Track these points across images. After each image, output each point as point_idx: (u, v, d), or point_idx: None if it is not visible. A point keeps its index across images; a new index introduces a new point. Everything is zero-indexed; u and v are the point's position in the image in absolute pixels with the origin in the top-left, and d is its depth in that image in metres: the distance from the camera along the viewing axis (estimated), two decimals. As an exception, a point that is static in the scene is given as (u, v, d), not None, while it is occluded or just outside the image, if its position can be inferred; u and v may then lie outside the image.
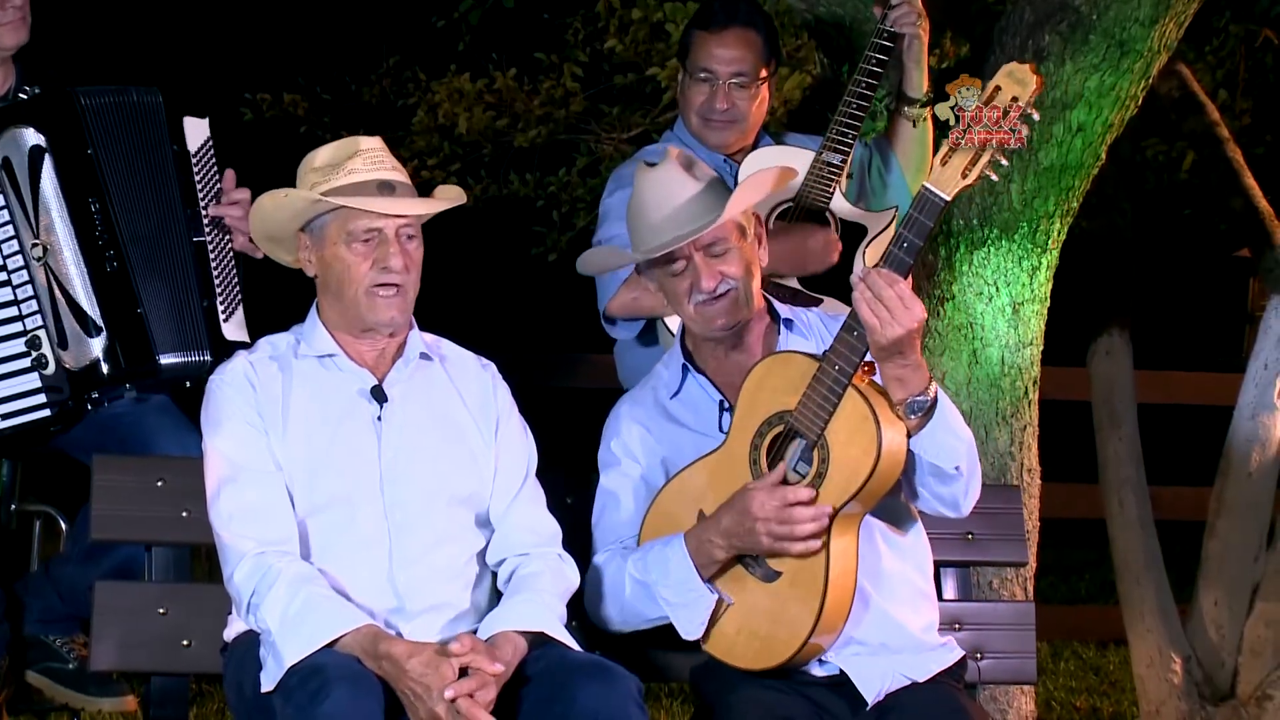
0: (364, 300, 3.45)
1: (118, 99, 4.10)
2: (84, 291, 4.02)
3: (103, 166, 4.04)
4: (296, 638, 3.24)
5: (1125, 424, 5.96)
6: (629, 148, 7.48)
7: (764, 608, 3.40)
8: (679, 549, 3.43)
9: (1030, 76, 3.28)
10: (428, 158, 7.80)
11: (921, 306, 3.28)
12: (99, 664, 3.66)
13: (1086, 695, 6.80)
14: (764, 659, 3.40)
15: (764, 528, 3.33)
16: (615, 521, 3.58)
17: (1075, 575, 9.61)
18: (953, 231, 4.70)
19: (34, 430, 4.04)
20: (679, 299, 3.52)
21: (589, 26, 7.69)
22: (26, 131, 4.02)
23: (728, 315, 3.50)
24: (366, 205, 3.41)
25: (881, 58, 4.12)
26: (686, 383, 3.60)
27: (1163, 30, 4.52)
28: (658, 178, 3.51)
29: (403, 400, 3.50)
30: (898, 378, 3.33)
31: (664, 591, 3.44)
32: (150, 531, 3.71)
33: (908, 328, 3.25)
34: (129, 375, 4.04)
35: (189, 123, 4.19)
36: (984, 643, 3.75)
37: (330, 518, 3.42)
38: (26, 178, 4.01)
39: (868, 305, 3.26)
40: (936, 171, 3.29)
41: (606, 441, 3.64)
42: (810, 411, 3.34)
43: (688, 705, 6.17)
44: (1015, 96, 3.27)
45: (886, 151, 4.35)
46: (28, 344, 4.02)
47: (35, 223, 4.01)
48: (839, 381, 3.32)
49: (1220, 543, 5.78)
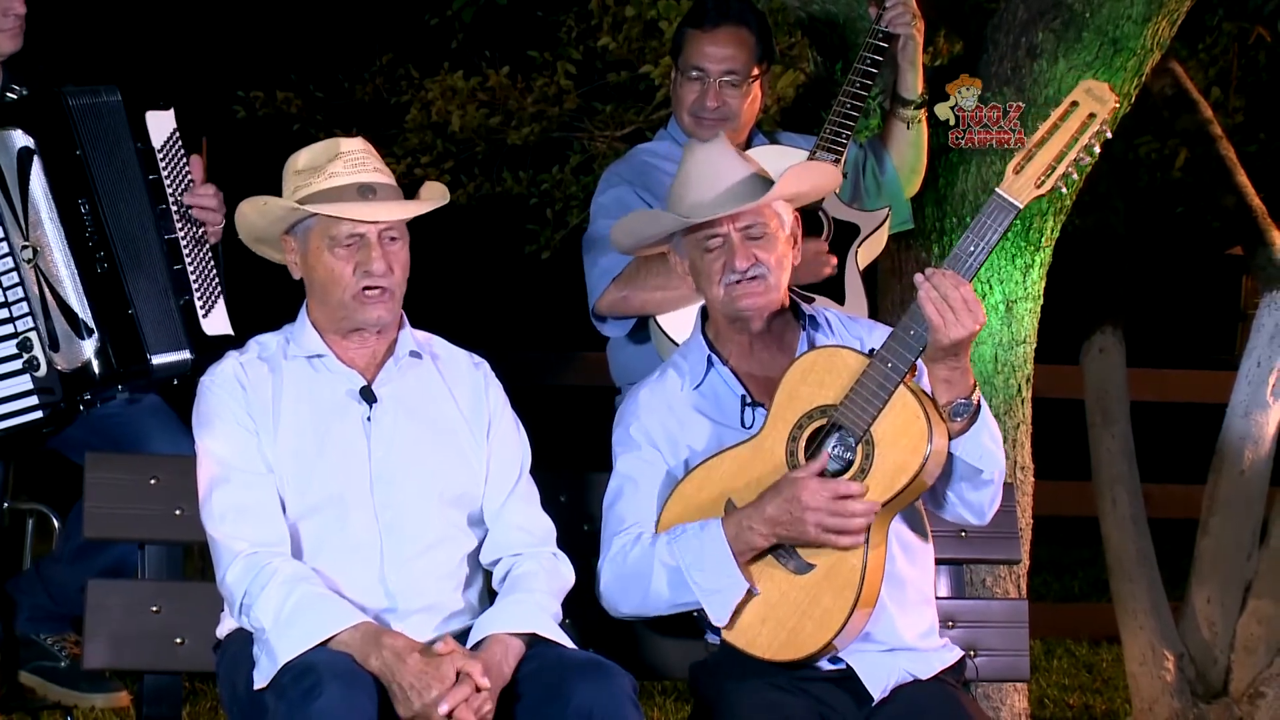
0: (351, 302, 3.45)
1: (95, 99, 4.07)
2: (75, 293, 4.01)
3: (91, 167, 4.03)
4: (290, 636, 3.25)
5: (1118, 422, 5.97)
6: (622, 145, 7.48)
7: (793, 600, 3.39)
8: (716, 534, 3.40)
9: (1109, 94, 3.33)
10: (421, 155, 7.79)
11: (984, 312, 3.32)
12: (92, 662, 3.66)
13: (1079, 693, 6.81)
14: (788, 651, 3.39)
15: (814, 518, 3.32)
16: (632, 507, 3.53)
17: (1068, 573, 9.61)
18: (946, 229, 4.71)
19: (26, 432, 4.03)
20: (710, 278, 3.51)
21: (582, 24, 7.69)
22: (15, 133, 4.01)
23: (755, 298, 3.49)
24: (343, 212, 3.40)
25: (876, 57, 4.12)
26: (710, 375, 3.58)
27: (1155, 28, 4.52)
28: (709, 153, 3.53)
29: (392, 401, 3.50)
30: (947, 379, 3.37)
31: (697, 576, 3.40)
32: (143, 530, 3.71)
33: (970, 330, 3.29)
34: (122, 376, 4.03)
35: (152, 117, 4.15)
36: (977, 640, 3.75)
37: (321, 519, 3.42)
38: (15, 179, 4.00)
39: (933, 305, 3.28)
40: (1009, 179, 3.32)
41: (625, 425, 3.60)
42: (858, 407, 3.34)
43: (682, 703, 6.17)
44: (1093, 113, 3.31)
45: (881, 152, 4.35)
46: (19, 346, 4.01)
47: (25, 224, 4.00)
48: (890, 379, 3.33)
49: (1213, 540, 5.79)
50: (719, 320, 3.59)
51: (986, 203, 3.33)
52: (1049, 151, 3.32)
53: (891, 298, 4.81)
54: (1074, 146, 3.31)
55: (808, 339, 3.58)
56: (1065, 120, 3.32)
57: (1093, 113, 3.31)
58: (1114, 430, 5.97)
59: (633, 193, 4.18)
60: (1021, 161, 3.32)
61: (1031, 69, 4.55)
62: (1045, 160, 3.31)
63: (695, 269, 3.56)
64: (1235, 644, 5.73)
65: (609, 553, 3.52)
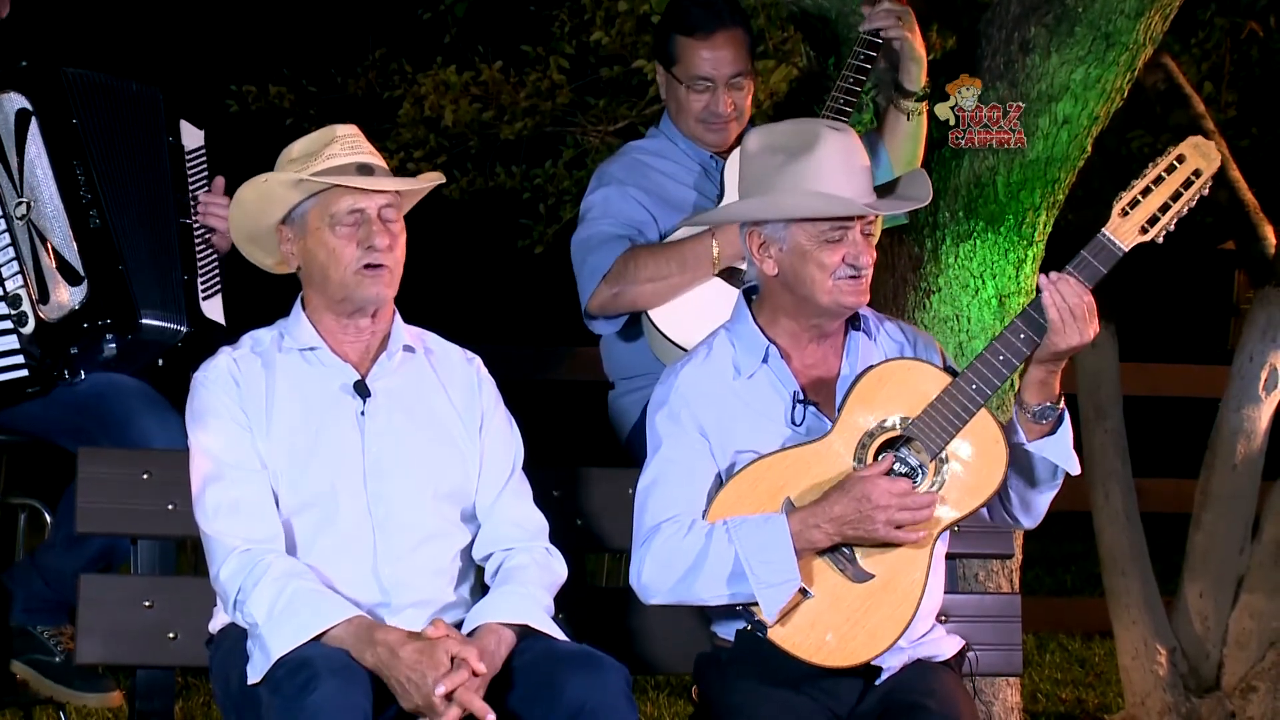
0: (351, 280, 3.44)
1: (109, 82, 4.15)
2: (66, 244, 4.04)
3: (87, 137, 4.09)
4: (284, 630, 3.25)
5: (1111, 416, 5.98)
6: (615, 140, 7.48)
7: (847, 607, 3.38)
8: (780, 528, 3.36)
9: (1215, 154, 3.42)
10: (414, 150, 7.79)
11: (1098, 324, 3.41)
12: (84, 657, 3.66)
13: (1072, 687, 6.82)
14: (837, 658, 3.37)
15: (884, 515, 3.32)
16: (682, 494, 3.46)
17: (1061, 567, 9.63)
18: (939, 224, 4.71)
19: (10, 389, 4.03)
20: (823, 268, 3.44)
21: (575, 19, 7.69)
22: (13, 95, 4.07)
23: (859, 296, 3.48)
24: (351, 183, 3.41)
25: (869, 53, 4.12)
26: (762, 367, 3.53)
27: (1148, 23, 4.52)
28: (847, 143, 3.49)
29: (386, 395, 3.50)
30: (1043, 381, 3.42)
31: (757, 568, 3.36)
32: (136, 524, 3.70)
33: (1085, 340, 3.37)
34: (109, 328, 4.03)
35: (186, 126, 4.25)
36: (970, 635, 3.75)
37: (314, 514, 3.42)
38: (13, 139, 4.05)
39: (1057, 309, 3.36)
40: (1115, 221, 3.41)
41: (672, 407, 3.52)
42: (937, 424, 3.37)
43: (675, 697, 6.18)
44: (1198, 170, 3.40)
45: (877, 145, 4.34)
46: (8, 304, 4.02)
47: (19, 182, 4.04)
48: (974, 400, 3.38)
49: (1205, 535, 5.80)
50: (788, 310, 3.52)
51: (1092, 242, 3.42)
52: (1156, 199, 3.40)
53: (883, 292, 4.81)
54: (1179, 199, 3.40)
55: (856, 338, 3.56)
56: (1171, 173, 3.39)
57: (1199, 169, 3.39)
58: (1107, 425, 5.97)
59: (622, 193, 4.17)
60: (1127, 205, 3.40)
61: (1024, 64, 4.55)
62: (1151, 208, 3.40)
63: (798, 255, 3.46)
64: (1228, 638, 5.74)
65: (655, 539, 3.45)
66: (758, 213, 3.49)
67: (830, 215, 3.44)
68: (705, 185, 4.21)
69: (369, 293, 3.45)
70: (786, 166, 3.46)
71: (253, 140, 5.47)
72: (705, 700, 3.54)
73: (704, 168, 4.23)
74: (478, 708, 3.21)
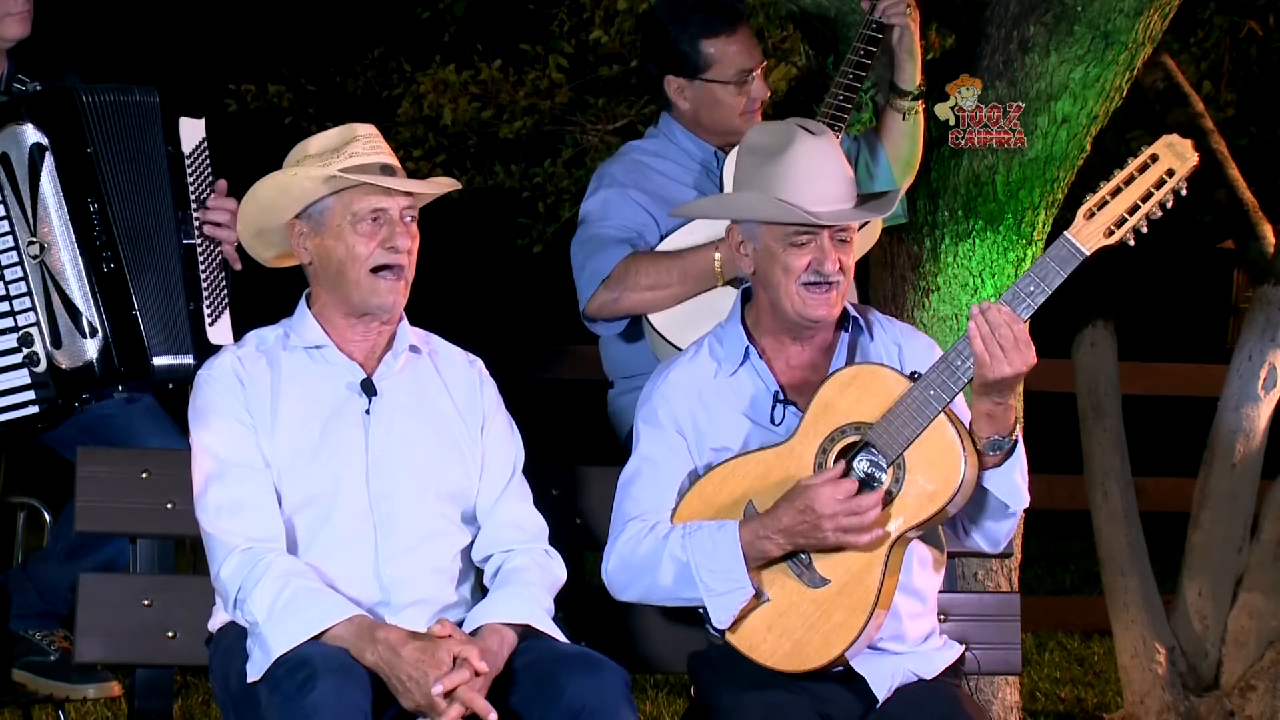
0: (366, 282, 3.43)
1: (118, 98, 4.06)
2: (80, 291, 3.98)
3: (102, 166, 4.00)
4: (284, 629, 3.24)
5: (1110, 415, 5.98)
6: (614, 139, 7.48)
7: (803, 611, 3.37)
8: (731, 538, 3.37)
9: (1191, 153, 3.29)
10: (413, 149, 7.79)
11: (1034, 353, 3.27)
12: (84, 656, 3.66)
13: (1071, 686, 6.82)
14: (790, 662, 3.37)
15: (830, 523, 3.29)
16: (650, 493, 3.49)
17: (1060, 566, 9.63)
18: (938, 223, 4.71)
19: (20, 427, 4.02)
20: (789, 271, 3.43)
21: (574, 18, 7.69)
22: (27, 128, 3.97)
23: (827, 306, 3.44)
24: (380, 182, 3.40)
25: (869, 49, 4.12)
26: (744, 366, 3.54)
27: (1147, 22, 4.53)
28: (824, 148, 3.46)
29: (392, 394, 3.50)
30: (989, 414, 3.33)
31: (706, 576, 3.37)
32: (134, 523, 3.70)
33: (1018, 370, 3.25)
34: (122, 376, 4.01)
35: (184, 123, 4.15)
36: (969, 634, 3.75)
37: (316, 511, 3.41)
38: (26, 176, 3.97)
39: (982, 340, 3.24)
40: (1080, 224, 3.28)
41: (654, 404, 3.55)
42: (894, 430, 3.31)
43: (674, 696, 6.18)
44: (1172, 169, 3.27)
45: (875, 144, 4.34)
46: (19, 340, 3.99)
47: (33, 221, 3.97)
48: (930, 405, 3.29)
49: (1204, 534, 5.80)
50: (766, 310, 3.52)
51: (1053, 244, 3.29)
52: (1123, 201, 3.27)
53: (883, 291, 4.81)
54: (1149, 200, 3.27)
55: (848, 342, 3.54)
56: (1143, 172, 3.28)
57: (1172, 169, 3.27)
58: (1106, 424, 5.97)
59: (623, 195, 4.17)
60: (1094, 207, 3.28)
61: (1023, 62, 4.56)
62: (1118, 210, 3.27)
63: (767, 256, 3.47)
64: (1226, 637, 5.74)
65: (621, 536, 3.48)
66: (715, 211, 3.55)
67: (781, 220, 3.43)
68: (705, 184, 4.21)
69: (384, 300, 3.45)
70: (760, 168, 3.48)
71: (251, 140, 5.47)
72: (699, 697, 3.54)
73: (704, 167, 4.23)
74: (480, 707, 3.21)
